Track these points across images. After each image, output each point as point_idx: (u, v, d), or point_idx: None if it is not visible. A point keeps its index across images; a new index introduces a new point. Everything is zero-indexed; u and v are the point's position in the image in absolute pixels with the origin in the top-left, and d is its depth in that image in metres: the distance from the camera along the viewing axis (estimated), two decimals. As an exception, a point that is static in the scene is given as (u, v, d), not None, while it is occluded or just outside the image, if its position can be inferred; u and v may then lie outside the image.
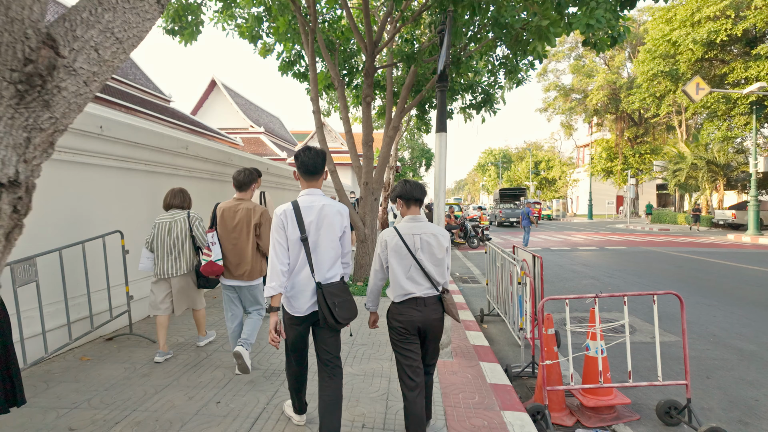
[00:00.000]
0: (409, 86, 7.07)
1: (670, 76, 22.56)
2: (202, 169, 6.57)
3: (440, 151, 4.06)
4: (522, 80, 8.56)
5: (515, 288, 4.37)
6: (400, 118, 7.10)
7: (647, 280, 8.60)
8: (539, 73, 39.85)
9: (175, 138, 5.76)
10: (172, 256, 3.74)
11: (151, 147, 5.25)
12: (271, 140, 30.87)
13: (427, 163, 35.49)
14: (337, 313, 2.29)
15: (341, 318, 2.31)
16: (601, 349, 3.21)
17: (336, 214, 2.40)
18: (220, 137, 20.57)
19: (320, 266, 2.35)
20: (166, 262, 3.73)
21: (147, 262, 3.85)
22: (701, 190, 26.98)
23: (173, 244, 3.74)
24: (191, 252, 3.84)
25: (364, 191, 6.99)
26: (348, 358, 3.89)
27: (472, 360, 3.97)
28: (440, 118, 4.09)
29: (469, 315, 5.73)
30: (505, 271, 5.11)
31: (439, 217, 4.06)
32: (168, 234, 3.75)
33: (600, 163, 38.04)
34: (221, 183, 7.27)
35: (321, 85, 8.57)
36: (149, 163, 5.33)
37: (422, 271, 2.34)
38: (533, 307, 3.94)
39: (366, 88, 6.67)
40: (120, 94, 14.10)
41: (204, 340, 4.18)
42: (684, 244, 16.17)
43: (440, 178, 4.06)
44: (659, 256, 12.46)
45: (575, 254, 12.90)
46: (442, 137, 4.07)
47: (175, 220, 3.79)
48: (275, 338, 2.30)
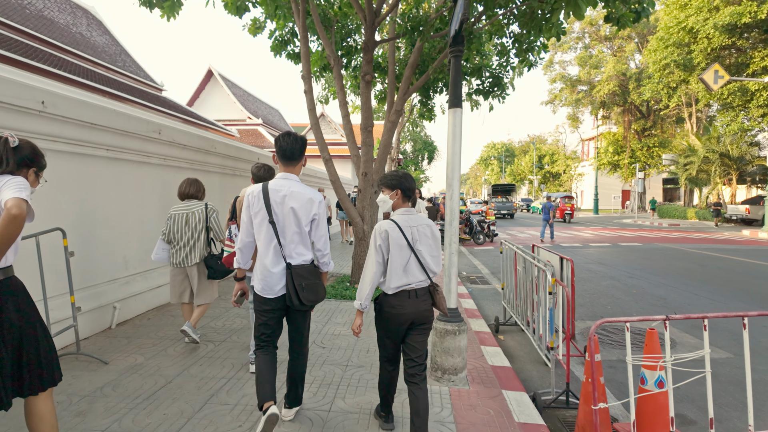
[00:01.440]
0: (414, 65, 6.28)
1: (683, 66, 21.61)
2: (180, 157, 5.82)
3: (454, 131, 3.29)
4: (534, 63, 7.76)
5: (543, 298, 3.62)
6: (403, 101, 6.32)
7: (672, 280, 7.85)
8: (545, 65, 38.81)
9: (145, 120, 5.00)
10: (189, 246, 3.83)
11: (113, 129, 4.49)
12: (270, 132, 30.05)
13: (429, 156, 34.69)
14: (303, 295, 2.36)
15: (306, 300, 2.37)
16: (660, 381, 2.48)
17: (306, 201, 2.42)
18: (214, 128, 19.78)
19: (289, 248, 2.40)
20: (182, 251, 3.82)
21: (162, 253, 3.90)
22: (713, 184, 26.15)
23: (191, 234, 3.82)
24: (204, 243, 3.89)
25: (363, 183, 6.23)
26: (341, 387, 3.16)
27: (492, 388, 3.24)
28: (454, 91, 3.32)
29: (483, 325, 5.00)
30: (527, 276, 4.36)
31: (453, 212, 3.31)
32: (186, 224, 3.82)
33: (606, 156, 37.08)
34: (204, 173, 6.52)
35: (316, 65, 7.78)
36: (112, 148, 4.58)
37: (419, 263, 2.35)
38: (569, 324, 3.20)
39: (365, 65, 5.88)
40: (105, 80, 13.31)
41: (192, 333, 3.79)
42: (699, 240, 15.40)
43: (454, 164, 3.30)
44: (677, 253, 11.69)
45: (588, 252, 12.14)
46: (456, 114, 3.30)
47: (192, 212, 3.85)
48: (237, 302, 2.65)
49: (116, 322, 4.48)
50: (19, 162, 1.97)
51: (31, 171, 2.05)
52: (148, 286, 5.12)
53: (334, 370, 3.46)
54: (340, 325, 4.68)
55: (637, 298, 6.65)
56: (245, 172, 7.91)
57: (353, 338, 4.23)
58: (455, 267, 3.31)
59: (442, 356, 3.24)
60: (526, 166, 57.90)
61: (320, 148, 6.07)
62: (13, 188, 1.77)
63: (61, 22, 14.66)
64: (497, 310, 5.98)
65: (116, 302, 4.50)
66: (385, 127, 6.39)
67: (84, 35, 15.48)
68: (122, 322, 4.59)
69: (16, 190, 1.77)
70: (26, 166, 2.02)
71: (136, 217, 4.99)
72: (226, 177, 7.21)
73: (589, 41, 37.90)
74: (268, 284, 2.39)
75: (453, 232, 3.31)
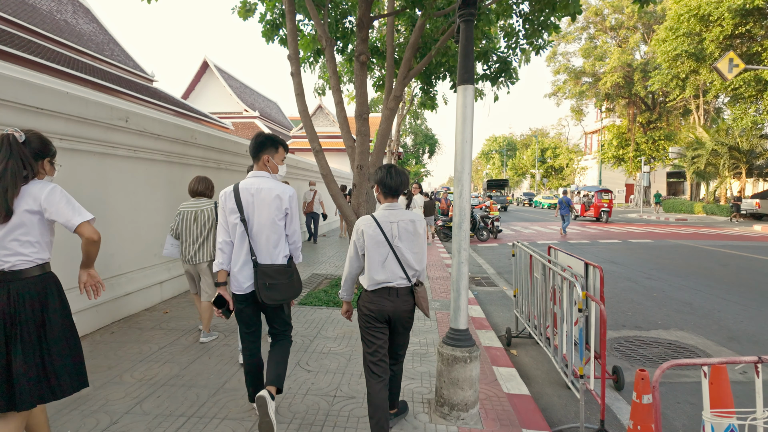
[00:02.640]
0: (415, 45, 5.63)
1: (695, 56, 20.84)
2: (153, 148, 5.21)
3: (464, 113, 2.68)
4: (544, 45, 7.11)
5: (568, 313, 3.03)
6: (403, 86, 5.68)
7: (694, 282, 7.25)
8: (548, 56, 37.92)
9: (108, 106, 4.38)
10: (197, 243, 3.83)
11: (67, 115, 3.88)
12: (267, 125, 29.38)
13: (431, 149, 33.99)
14: (266, 294, 2.39)
15: (268, 299, 2.39)
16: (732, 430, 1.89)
17: (274, 198, 2.44)
18: (208, 120, 19.12)
19: (259, 246, 2.44)
20: (191, 248, 3.83)
21: (171, 248, 3.92)
22: (721, 177, 25.48)
23: (199, 232, 3.83)
24: (214, 242, 3.84)
25: (358, 176, 5.62)
26: (326, 426, 2.58)
27: (510, 426, 2.65)
28: (464, 64, 2.70)
29: (493, 337, 4.40)
30: (545, 284, 3.76)
31: (463, 211, 2.71)
32: (194, 221, 3.83)
33: (610, 150, 36.30)
34: (182, 167, 5.91)
35: (308, 49, 7.14)
36: (67, 137, 3.97)
37: (398, 261, 2.30)
38: (604, 349, 2.60)
39: (359, 43, 5.24)
40: (90, 69, 12.64)
41: (207, 337, 3.98)
42: (710, 236, 14.79)
43: (464, 153, 2.69)
44: (693, 251, 11.09)
45: (598, 249, 11.53)
46: (467, 92, 2.68)
47: (201, 210, 3.85)
48: (216, 312, 2.50)
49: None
50: (33, 158, 1.90)
51: (46, 162, 1.98)
52: (113, 293, 4.53)
53: (318, 402, 2.87)
54: (330, 340, 4.09)
55: (660, 303, 6.06)
56: (232, 165, 7.30)
57: (344, 358, 3.64)
58: (465, 279, 2.71)
59: (449, 388, 2.65)
60: (527, 160, 57.12)
61: (309, 138, 5.45)
62: (68, 208, 1.86)
63: (43, 8, 13.96)
64: (507, 317, 5.39)
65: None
66: (383, 115, 5.76)
67: (69, 22, 14.78)
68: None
69: (74, 211, 1.87)
70: (40, 158, 1.94)
71: (98, 218, 4.39)
72: (209, 171, 6.60)
73: (594, 32, 36.98)
74: (237, 281, 2.45)
75: (462, 236, 2.70)
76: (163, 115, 5.66)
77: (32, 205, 1.81)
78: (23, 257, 1.81)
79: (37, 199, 1.81)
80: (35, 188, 1.83)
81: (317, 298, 5.49)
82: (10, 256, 1.79)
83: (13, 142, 1.83)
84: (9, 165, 1.80)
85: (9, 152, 1.82)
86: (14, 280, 1.79)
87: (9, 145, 1.83)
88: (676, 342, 4.52)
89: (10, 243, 1.79)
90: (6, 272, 1.79)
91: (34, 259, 1.85)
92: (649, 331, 4.87)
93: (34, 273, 1.84)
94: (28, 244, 1.81)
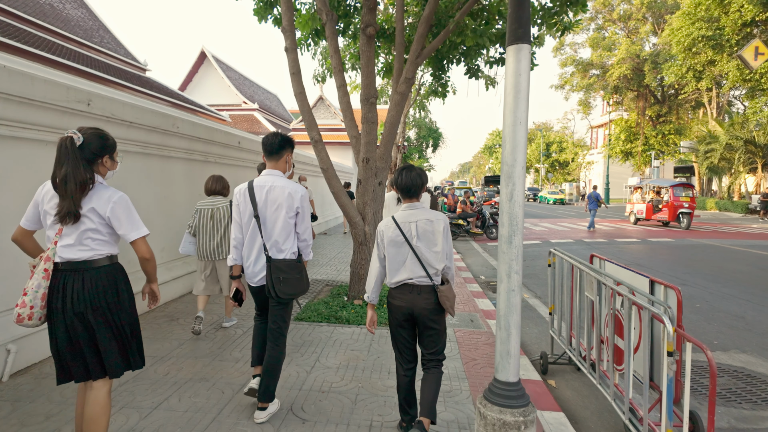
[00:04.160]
0: (429, 19, 4.85)
1: (713, 41, 19.88)
2: (126, 138, 4.46)
3: (517, 84, 1.93)
4: (570, 26, 6.32)
5: (631, 348, 2.29)
6: (415, 67, 4.91)
7: (737, 290, 6.51)
8: (555, 47, 36.88)
9: (63, 86, 3.63)
10: (215, 241, 4.00)
11: (11, 97, 3.14)
12: (266, 117, 28.58)
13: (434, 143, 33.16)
14: (279, 288, 2.49)
15: (281, 293, 2.50)
16: None
17: (287, 196, 2.54)
18: (204, 112, 18.35)
19: (271, 241, 2.54)
20: (209, 245, 3.99)
21: (188, 246, 4.07)
22: (735, 173, 24.65)
23: (215, 230, 3.99)
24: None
25: (364, 171, 4.87)
26: None
27: None
28: (517, 15, 1.94)
29: (527, 365, 3.66)
30: (600, 306, 3.03)
31: (515, 221, 1.97)
32: (210, 219, 3.98)
33: (618, 144, 35.36)
34: (162, 159, 5.17)
35: (306, 28, 6.35)
36: (12, 124, 3.23)
37: (418, 260, 2.29)
38: (711, 415, 1.87)
39: (366, 14, 4.47)
40: (76, 56, 11.86)
41: (229, 322, 4.29)
42: (732, 234, 14.04)
43: (516, 139, 1.94)
44: (720, 251, 10.33)
45: (617, 250, 10.78)
46: (521, 54, 1.93)
47: (216, 207, 4.01)
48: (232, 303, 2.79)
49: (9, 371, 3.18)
50: (92, 159, 1.96)
51: (106, 158, 2.03)
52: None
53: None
54: (331, 371, 3.35)
55: (707, 316, 5.33)
56: (221, 158, 6.55)
57: (348, 399, 2.92)
58: (517, 314, 1.97)
59: (495, 464, 1.92)
60: (532, 155, 56.19)
61: (307, 126, 4.69)
62: (128, 222, 2.03)
63: (27, -9, 13.13)
64: (535, 334, 4.68)
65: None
66: (393, 101, 5.00)
67: (55, 7, 13.95)
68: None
69: (132, 225, 2.04)
70: (99, 156, 1.99)
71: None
72: (194, 164, 5.86)
73: (602, 22, 35.93)
74: (250, 273, 2.61)
75: (513, 255, 1.96)
76: (139, 100, 4.91)
77: (98, 211, 1.95)
78: (96, 252, 1.99)
79: (103, 210, 1.95)
80: (102, 196, 1.96)
81: (316, 311, 4.72)
82: (86, 251, 1.96)
83: (70, 146, 1.88)
84: (71, 170, 1.87)
85: (68, 157, 1.88)
86: (88, 269, 1.97)
87: (68, 150, 1.88)
88: (743, 370, 3.79)
89: (85, 240, 1.96)
90: (80, 262, 1.96)
91: (103, 252, 2.02)
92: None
93: (104, 263, 2.01)
94: (99, 242, 1.99)
